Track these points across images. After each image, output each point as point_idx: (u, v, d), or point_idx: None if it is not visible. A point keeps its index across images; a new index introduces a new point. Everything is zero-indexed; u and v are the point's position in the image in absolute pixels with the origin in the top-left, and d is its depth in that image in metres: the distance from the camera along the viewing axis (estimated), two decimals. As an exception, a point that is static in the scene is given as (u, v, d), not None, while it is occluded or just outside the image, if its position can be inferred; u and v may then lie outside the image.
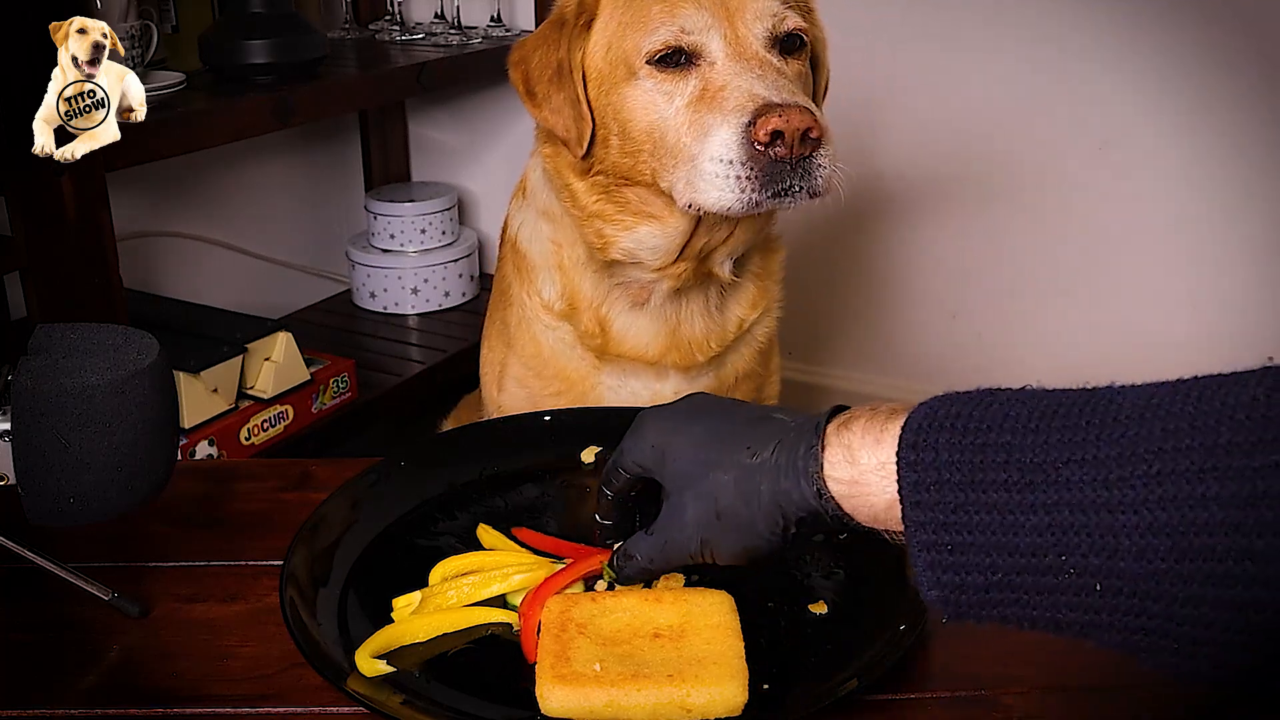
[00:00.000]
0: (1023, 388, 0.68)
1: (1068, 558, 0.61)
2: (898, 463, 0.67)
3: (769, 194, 1.08)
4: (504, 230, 1.40)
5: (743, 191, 1.08)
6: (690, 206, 1.13)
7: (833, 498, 0.72)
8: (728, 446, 0.79)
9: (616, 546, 0.89)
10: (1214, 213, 2.18)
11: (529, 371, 1.35)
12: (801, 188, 1.08)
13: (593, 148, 1.21)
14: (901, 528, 0.68)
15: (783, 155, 1.06)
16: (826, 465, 0.72)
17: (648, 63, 1.14)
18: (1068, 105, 2.23)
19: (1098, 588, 0.61)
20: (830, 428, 0.73)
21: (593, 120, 1.20)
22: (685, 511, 0.80)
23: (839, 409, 0.76)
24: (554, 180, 1.27)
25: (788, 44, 1.17)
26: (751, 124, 1.06)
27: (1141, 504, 0.59)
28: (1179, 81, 2.13)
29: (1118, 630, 0.62)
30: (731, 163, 1.07)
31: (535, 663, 0.81)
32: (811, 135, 1.05)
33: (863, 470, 0.70)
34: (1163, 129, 2.17)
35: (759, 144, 1.05)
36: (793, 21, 1.16)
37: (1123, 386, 0.64)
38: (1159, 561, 0.59)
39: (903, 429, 0.68)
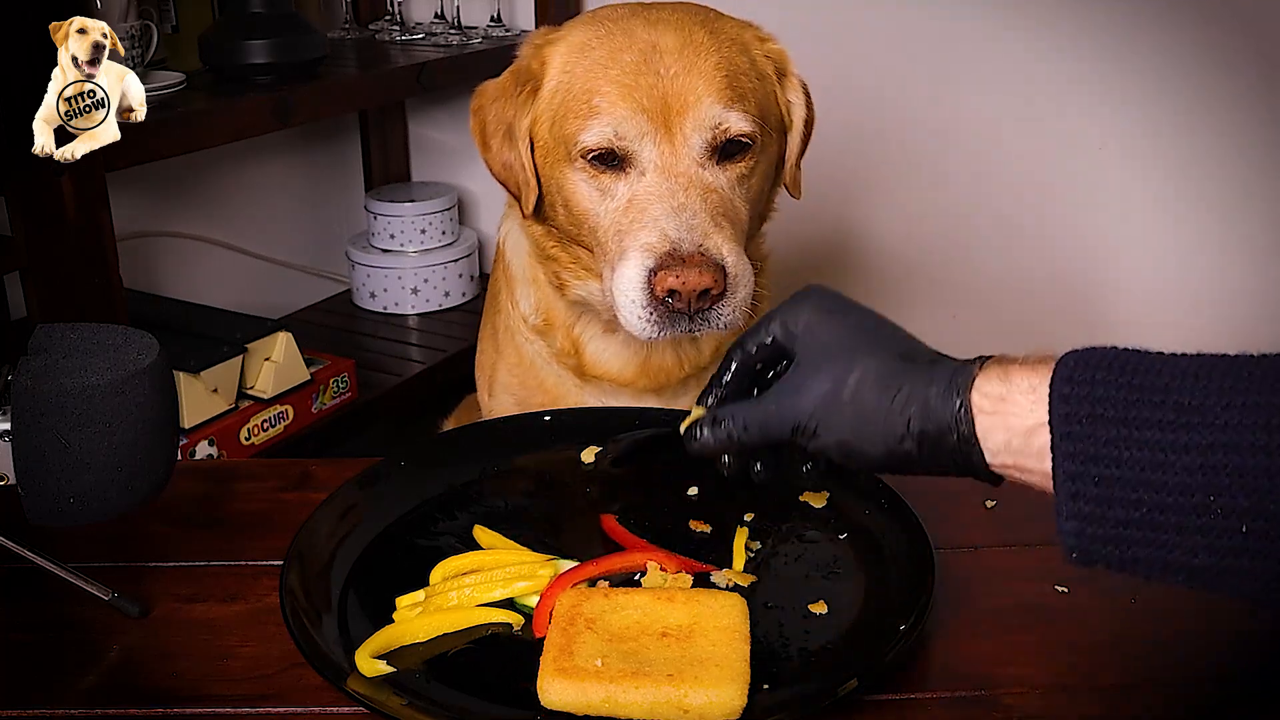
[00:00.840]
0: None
1: (1216, 498, 0.63)
2: (1051, 393, 0.68)
3: (672, 331, 1.10)
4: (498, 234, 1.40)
5: (646, 324, 1.10)
6: (611, 306, 1.14)
7: (971, 414, 0.72)
8: (883, 342, 0.79)
9: (698, 411, 0.87)
10: (1213, 213, 2.18)
11: (515, 379, 1.36)
12: (703, 328, 1.10)
13: (541, 206, 1.21)
14: (1026, 463, 0.70)
15: (680, 309, 1.08)
16: (979, 379, 0.73)
17: (582, 156, 1.14)
18: (1067, 106, 2.23)
19: (1243, 529, 0.62)
20: (991, 359, 0.75)
21: (539, 184, 1.20)
22: (813, 382, 0.79)
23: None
24: (516, 220, 1.28)
25: (729, 148, 1.14)
26: (655, 272, 1.07)
27: None
28: (1178, 81, 2.13)
29: (1256, 577, 0.63)
30: (635, 302, 1.09)
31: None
32: (712, 293, 1.07)
33: (1013, 389, 0.71)
34: (1162, 129, 2.17)
35: (657, 294, 1.07)
36: (736, 128, 1.13)
37: None
38: None
39: (1059, 363, 0.70)
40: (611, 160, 1.13)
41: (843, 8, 2.33)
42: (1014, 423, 0.71)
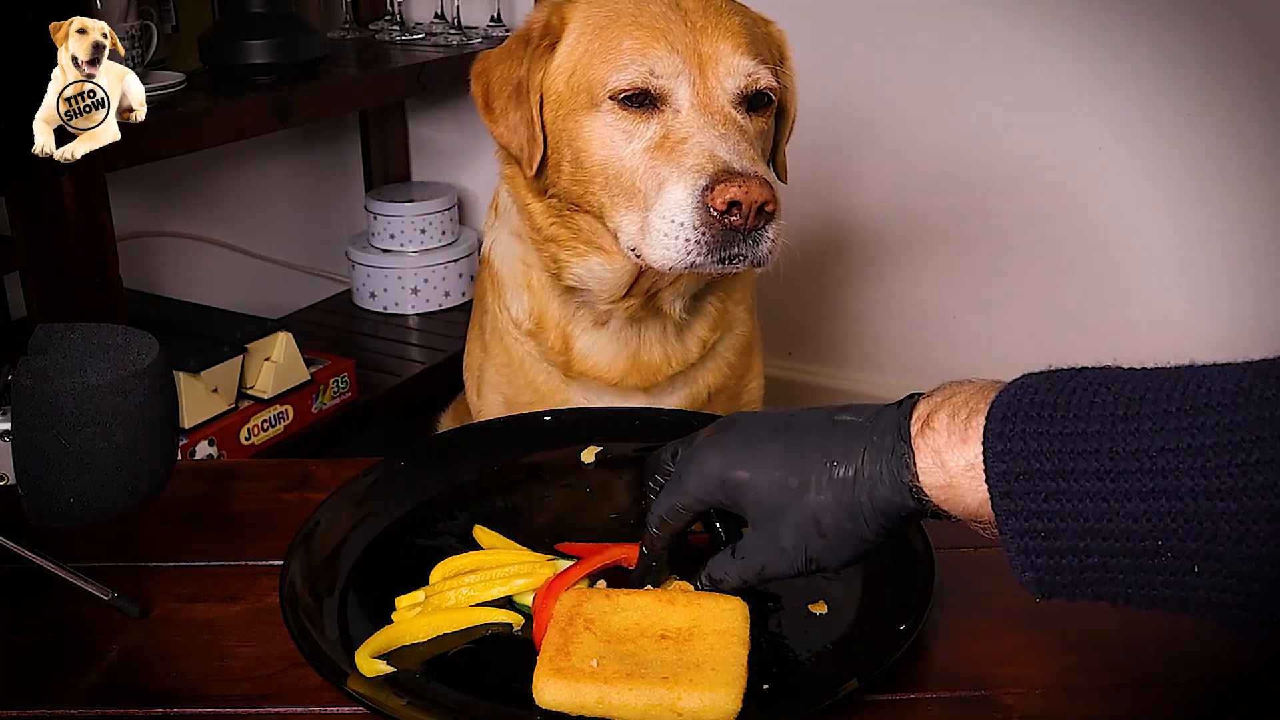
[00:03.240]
0: (1104, 367, 0.69)
1: (1164, 542, 0.63)
2: (984, 455, 0.68)
3: (714, 259, 1.08)
4: (482, 244, 1.41)
5: (688, 254, 1.07)
6: (633, 252, 1.13)
7: (931, 500, 0.73)
8: (811, 464, 0.78)
9: (702, 573, 0.87)
10: (1213, 214, 2.18)
11: (503, 379, 1.36)
12: (747, 257, 1.08)
13: (545, 170, 1.20)
14: (993, 525, 0.69)
15: (737, 225, 1.06)
16: (920, 473, 0.73)
17: (611, 98, 1.13)
18: (1065, 107, 2.23)
19: (1196, 569, 0.62)
20: (914, 431, 0.74)
21: (545, 143, 1.19)
22: (784, 537, 0.79)
23: (912, 399, 0.76)
24: (515, 200, 1.27)
25: (755, 100, 1.16)
26: (709, 188, 1.05)
27: (1241, 491, 0.60)
28: (1177, 82, 2.12)
29: (1215, 606, 0.63)
30: (684, 225, 1.07)
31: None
32: (767, 209, 1.06)
33: (953, 475, 0.72)
34: (1161, 130, 2.16)
35: (714, 210, 1.05)
36: (765, 81, 1.15)
37: (1205, 366, 0.66)
38: (1259, 545, 0.60)
39: (987, 419, 0.69)
40: (643, 101, 1.13)
41: (843, 5, 2.33)
42: (967, 503, 0.72)
